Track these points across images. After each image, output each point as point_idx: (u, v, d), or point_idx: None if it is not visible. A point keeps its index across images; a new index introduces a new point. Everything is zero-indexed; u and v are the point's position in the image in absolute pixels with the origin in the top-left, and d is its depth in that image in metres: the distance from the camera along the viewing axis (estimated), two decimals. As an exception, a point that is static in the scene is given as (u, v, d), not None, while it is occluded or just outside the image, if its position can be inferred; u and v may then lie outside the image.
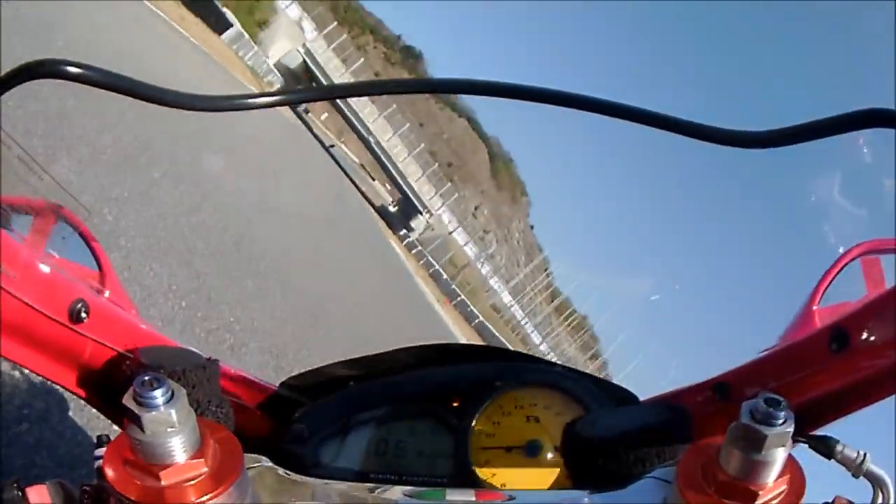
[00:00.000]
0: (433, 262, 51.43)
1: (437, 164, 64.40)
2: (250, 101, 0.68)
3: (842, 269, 0.94)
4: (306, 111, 53.38)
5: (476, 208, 76.96)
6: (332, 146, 52.41)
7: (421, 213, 55.33)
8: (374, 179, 62.32)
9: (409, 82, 0.71)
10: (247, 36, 37.26)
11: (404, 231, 52.28)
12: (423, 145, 60.31)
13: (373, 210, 47.35)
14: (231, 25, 35.37)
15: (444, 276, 52.80)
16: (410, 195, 54.01)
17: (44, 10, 6.49)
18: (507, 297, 67.95)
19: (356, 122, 49.01)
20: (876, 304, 0.63)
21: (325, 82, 46.75)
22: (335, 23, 54.99)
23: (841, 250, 0.94)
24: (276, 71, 48.49)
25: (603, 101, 0.66)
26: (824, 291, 0.92)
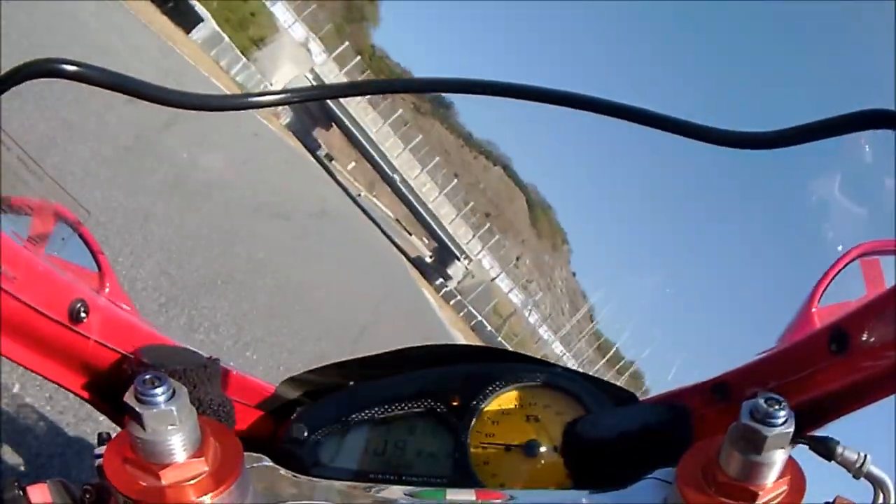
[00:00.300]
0: (475, 312, 47.22)
1: (472, 203, 58.30)
2: (250, 100, 0.68)
3: (841, 269, 0.94)
4: (330, 159, 48.36)
5: (517, 258, 71.58)
6: (360, 195, 48.81)
7: (459, 259, 49.21)
8: (410, 234, 58.10)
9: (411, 82, 0.71)
10: (226, 38, 30.68)
11: (441, 280, 47.70)
12: (455, 181, 54.44)
13: (406, 261, 43.59)
14: (202, 20, 26.89)
15: (489, 328, 47.88)
16: (445, 238, 47.28)
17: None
18: (558, 348, 61.86)
19: (381, 161, 43.42)
20: (876, 304, 0.63)
21: (339, 114, 41.64)
22: (346, 43, 49.76)
23: (840, 250, 0.94)
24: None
25: (604, 101, 0.66)
26: (824, 292, 0.92)
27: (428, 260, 51.36)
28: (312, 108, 44.83)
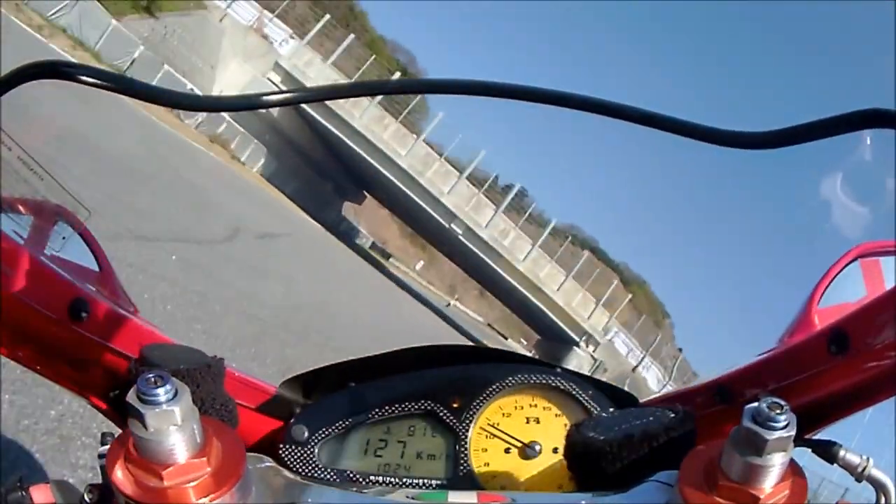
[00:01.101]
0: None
1: (586, 252, 42.34)
2: (251, 100, 0.68)
3: (841, 270, 0.94)
4: (387, 256, 40.45)
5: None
6: (448, 304, 42.30)
7: (577, 346, 33.03)
8: (505, 338, 50.86)
9: (411, 82, 0.71)
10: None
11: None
12: (554, 221, 38.06)
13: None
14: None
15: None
16: (551, 313, 31.00)
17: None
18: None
19: (432, 211, 30.22)
20: (875, 306, 0.63)
21: (331, 127, 28.91)
22: (327, 15, 32.50)
23: (840, 251, 0.94)
24: (236, 124, 28.96)
25: (601, 101, 0.66)
26: (823, 293, 0.92)
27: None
28: (284, 129, 32.99)
